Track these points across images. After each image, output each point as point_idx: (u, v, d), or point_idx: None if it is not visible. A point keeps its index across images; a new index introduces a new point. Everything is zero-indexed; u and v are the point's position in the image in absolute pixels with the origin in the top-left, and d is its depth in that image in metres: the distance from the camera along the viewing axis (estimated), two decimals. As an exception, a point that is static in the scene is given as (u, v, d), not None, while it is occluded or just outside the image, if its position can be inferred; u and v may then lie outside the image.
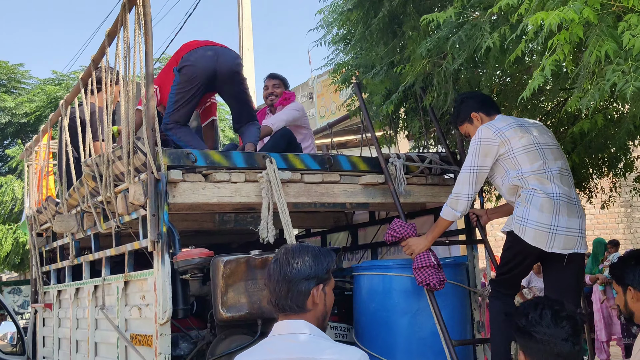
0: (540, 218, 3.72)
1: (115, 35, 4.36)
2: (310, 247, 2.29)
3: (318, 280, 2.22)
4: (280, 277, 2.20)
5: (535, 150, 3.88)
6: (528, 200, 3.77)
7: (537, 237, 3.72)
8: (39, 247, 6.84)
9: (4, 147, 16.37)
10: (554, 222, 3.72)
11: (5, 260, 14.44)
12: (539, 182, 3.80)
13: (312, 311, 2.21)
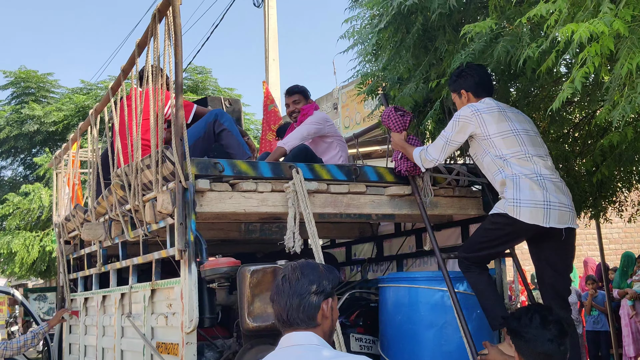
0: (532, 196, 3.83)
1: (145, 45, 4.41)
2: (315, 264, 2.36)
3: (326, 294, 2.28)
4: (291, 292, 2.25)
5: (512, 137, 4.03)
6: (516, 183, 3.89)
7: (533, 214, 3.82)
8: (66, 255, 6.91)
9: (32, 155, 16.57)
10: (546, 199, 3.84)
11: (32, 267, 14.59)
12: (520, 165, 3.95)
13: (321, 325, 2.26)
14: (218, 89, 16.35)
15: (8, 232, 14.53)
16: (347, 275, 6.65)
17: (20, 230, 14.43)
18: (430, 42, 4.59)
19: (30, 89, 16.36)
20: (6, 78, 16.37)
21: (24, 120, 15.49)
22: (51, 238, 13.84)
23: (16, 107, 16.09)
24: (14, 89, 16.44)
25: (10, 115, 15.89)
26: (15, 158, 17.31)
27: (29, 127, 15.29)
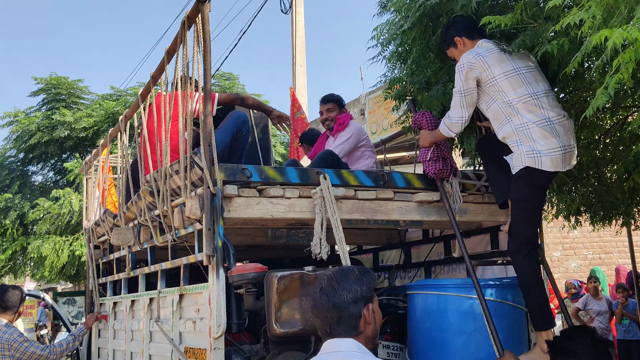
0: (548, 144, 3.88)
1: (174, 52, 4.44)
2: (350, 270, 2.33)
3: (365, 300, 2.25)
4: (330, 306, 2.23)
5: (516, 76, 4.01)
6: (527, 135, 3.94)
7: (554, 161, 3.90)
8: (96, 259, 6.98)
9: (62, 161, 16.76)
10: (561, 144, 3.91)
11: (61, 271, 14.75)
12: (528, 111, 3.95)
13: (364, 333, 2.24)
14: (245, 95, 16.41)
15: (38, 236, 14.71)
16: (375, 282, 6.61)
17: (51, 234, 14.60)
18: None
19: (61, 96, 16.55)
20: (37, 84, 16.59)
21: (55, 126, 15.68)
22: (81, 243, 13.99)
23: (47, 113, 16.29)
24: (45, 96, 16.64)
25: (41, 121, 16.09)
26: (46, 163, 17.51)
27: (59, 133, 15.47)
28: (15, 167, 17.14)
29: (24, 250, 15.75)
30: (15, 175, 16.82)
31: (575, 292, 10.59)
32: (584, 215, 6.60)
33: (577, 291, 10.60)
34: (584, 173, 5.87)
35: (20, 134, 16.21)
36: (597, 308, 9.64)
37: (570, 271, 14.14)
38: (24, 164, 17.26)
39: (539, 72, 4.15)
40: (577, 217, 6.64)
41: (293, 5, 14.34)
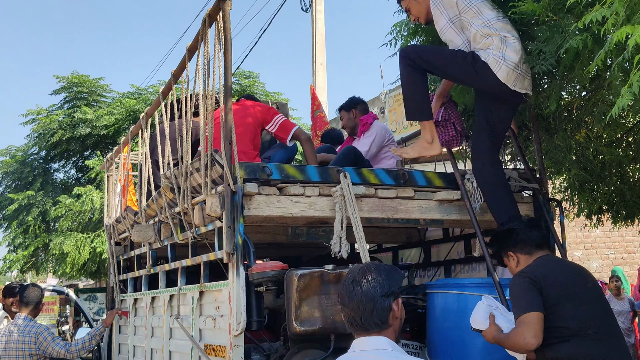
0: (512, 59, 4.00)
1: (195, 50, 4.46)
2: (381, 265, 2.39)
3: (395, 295, 2.31)
4: (364, 296, 2.27)
5: (485, 1, 4.15)
6: (503, 42, 4.02)
7: (509, 75, 4.01)
8: (117, 256, 7.03)
9: (84, 158, 16.89)
10: (521, 65, 4.04)
11: (82, 268, 14.88)
12: (505, 28, 4.06)
13: (392, 326, 2.29)
14: (265, 93, 16.42)
15: (60, 233, 14.85)
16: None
17: (72, 231, 14.73)
18: None
19: (83, 94, 16.68)
20: (59, 83, 16.74)
21: (76, 124, 15.81)
22: (102, 240, 14.09)
23: (69, 111, 16.43)
24: (67, 94, 16.78)
25: (63, 119, 16.24)
26: (68, 161, 17.66)
27: (81, 131, 15.59)
28: (38, 165, 17.31)
29: (46, 247, 15.91)
30: (37, 173, 16.99)
31: (597, 292, 10.48)
32: (606, 214, 6.53)
33: (598, 291, 10.49)
34: (606, 172, 5.81)
35: (42, 132, 16.37)
36: (619, 308, 9.54)
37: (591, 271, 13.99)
38: (46, 162, 17.43)
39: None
40: (598, 216, 6.57)
41: (313, 3, 14.33)
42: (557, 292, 3.51)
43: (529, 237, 3.82)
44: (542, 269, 3.62)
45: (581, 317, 3.49)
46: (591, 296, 3.60)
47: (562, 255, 4.45)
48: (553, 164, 5.67)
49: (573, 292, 3.54)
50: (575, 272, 3.72)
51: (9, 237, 16.37)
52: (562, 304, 3.49)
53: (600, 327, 3.50)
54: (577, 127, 5.51)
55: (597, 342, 3.46)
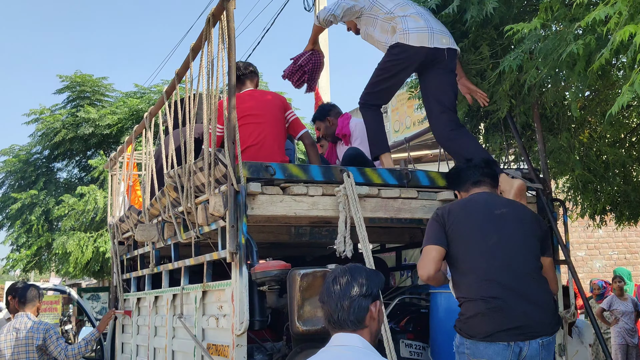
0: (417, 25, 4.50)
1: (199, 49, 4.46)
2: (362, 268, 2.48)
3: (373, 297, 2.38)
4: (342, 294, 2.36)
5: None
6: (403, 21, 4.55)
7: (420, 38, 4.46)
8: (120, 255, 7.03)
9: (87, 158, 16.89)
10: (429, 25, 4.51)
11: (85, 267, 14.88)
12: (403, 10, 4.60)
13: (368, 327, 2.36)
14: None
15: (63, 232, 14.86)
16: (397, 280, 6.60)
17: (75, 231, 14.73)
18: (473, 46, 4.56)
19: (86, 93, 16.67)
20: (62, 82, 16.74)
21: (79, 124, 15.80)
22: (105, 239, 14.10)
23: (72, 110, 16.43)
24: (70, 93, 16.78)
25: (66, 118, 16.24)
26: (71, 160, 17.66)
27: (84, 130, 15.59)
28: (41, 164, 17.32)
29: (49, 246, 15.92)
30: (40, 172, 16.99)
31: (600, 292, 10.47)
32: (609, 214, 6.53)
33: (601, 291, 10.47)
34: (609, 172, 5.81)
35: (45, 131, 16.37)
36: (623, 308, 9.52)
37: (594, 271, 13.99)
38: (49, 161, 17.43)
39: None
40: (602, 216, 6.57)
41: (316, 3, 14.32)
42: (455, 228, 3.61)
43: (467, 175, 3.90)
44: (453, 205, 3.74)
45: (472, 256, 3.55)
46: (490, 237, 3.57)
47: (565, 255, 4.43)
48: (557, 164, 5.67)
49: (469, 231, 3.59)
50: (485, 210, 3.68)
51: (12, 236, 16.38)
52: (455, 242, 3.59)
53: (487, 270, 3.50)
54: (581, 127, 5.51)
55: (483, 283, 3.48)
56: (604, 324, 9.67)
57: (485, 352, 3.36)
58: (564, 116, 5.20)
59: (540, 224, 3.77)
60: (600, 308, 9.64)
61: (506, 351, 3.34)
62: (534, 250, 3.62)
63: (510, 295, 3.43)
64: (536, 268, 3.59)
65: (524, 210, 3.78)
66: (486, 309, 3.42)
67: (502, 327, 3.37)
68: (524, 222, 3.66)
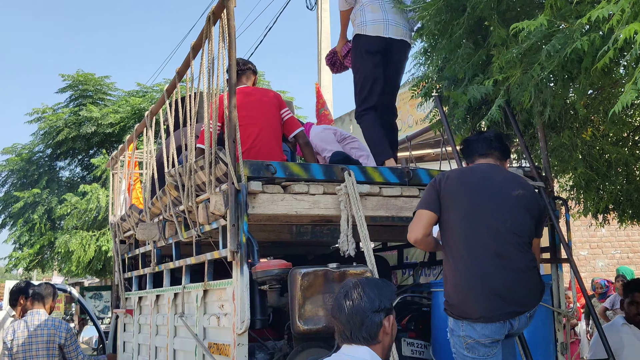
0: (374, 17, 5.07)
1: (200, 48, 4.45)
2: (374, 281, 2.44)
3: (387, 312, 2.34)
4: (354, 311, 2.31)
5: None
6: (362, 12, 5.14)
7: (375, 28, 5.04)
8: (121, 254, 7.03)
9: (89, 157, 16.94)
10: (384, 17, 5.08)
11: (88, 266, 14.92)
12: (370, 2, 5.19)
13: (382, 342, 2.33)
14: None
15: (66, 231, 14.89)
16: (399, 279, 6.58)
17: (78, 229, 14.76)
18: (482, 39, 4.52)
19: (88, 92, 16.72)
20: (64, 81, 16.79)
21: (82, 122, 15.85)
22: (107, 238, 14.13)
23: (74, 109, 16.47)
24: (72, 92, 16.84)
25: (68, 117, 16.28)
26: (73, 159, 17.72)
27: (86, 129, 15.63)
28: (43, 163, 17.37)
29: (51, 245, 15.96)
30: (43, 171, 17.04)
31: (603, 291, 10.45)
32: (612, 213, 6.50)
33: (604, 290, 10.45)
34: (612, 170, 5.78)
35: (48, 130, 16.41)
36: (625, 308, 9.49)
37: (597, 270, 13.96)
38: (52, 160, 17.47)
39: None
40: (604, 215, 6.54)
41: (318, 2, 14.32)
42: (449, 195, 3.64)
43: (475, 147, 3.89)
44: (453, 172, 3.77)
45: (462, 225, 3.56)
46: (482, 208, 3.56)
47: (567, 254, 4.42)
48: (559, 163, 5.64)
49: (462, 199, 3.60)
50: (482, 180, 3.67)
51: (14, 234, 16.43)
52: (447, 209, 3.62)
53: (475, 242, 3.51)
54: (583, 125, 5.48)
55: (466, 257, 3.50)
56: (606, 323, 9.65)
57: (482, 332, 3.42)
58: (566, 114, 5.18)
59: (538, 203, 3.72)
60: (603, 307, 9.61)
61: (502, 329, 3.42)
62: (526, 225, 3.58)
63: (497, 270, 3.44)
64: (526, 243, 3.56)
65: (524, 185, 3.73)
66: (470, 293, 3.46)
67: (496, 312, 3.41)
68: (521, 196, 3.62)
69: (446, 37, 4.59)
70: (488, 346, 3.41)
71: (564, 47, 3.62)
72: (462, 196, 3.62)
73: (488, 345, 3.41)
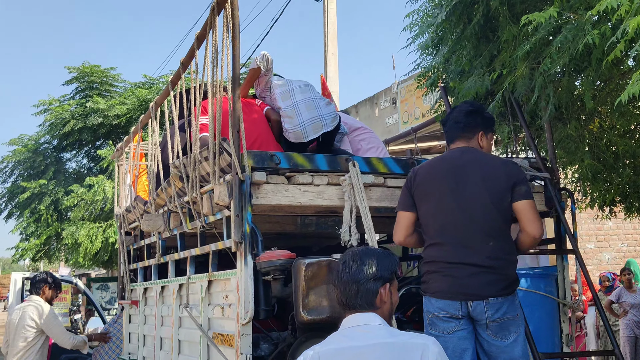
0: (291, 124, 5.01)
1: (204, 38, 4.44)
2: (375, 250, 2.54)
3: (384, 280, 2.44)
4: (350, 279, 2.43)
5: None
6: (284, 119, 5.07)
7: (297, 136, 5.00)
8: (127, 245, 7.04)
9: (96, 148, 16.97)
10: (300, 121, 4.99)
11: (95, 257, 14.96)
12: (283, 101, 5.12)
13: (380, 309, 2.42)
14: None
15: (73, 223, 14.93)
16: (404, 271, 6.57)
17: (84, 221, 14.80)
18: (492, 32, 4.49)
19: (94, 84, 16.73)
20: (70, 73, 16.80)
21: (88, 114, 15.86)
22: (113, 229, 14.15)
23: (80, 101, 16.49)
24: (78, 84, 16.84)
25: (74, 109, 16.30)
26: (80, 150, 17.75)
27: (92, 121, 15.64)
28: (50, 154, 17.39)
29: (58, 236, 16.00)
30: (49, 162, 17.07)
31: (609, 284, 10.42)
32: (619, 205, 6.47)
33: (610, 284, 10.42)
34: (619, 162, 5.75)
35: (54, 122, 16.43)
36: (631, 300, 9.47)
37: (604, 263, 13.92)
38: (58, 151, 17.51)
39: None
40: (611, 207, 6.52)
41: (325, -7, 14.26)
42: (419, 190, 3.65)
43: (446, 134, 3.86)
44: (421, 167, 3.74)
45: (430, 216, 3.58)
46: (448, 198, 3.54)
47: (573, 246, 4.40)
48: (566, 154, 5.62)
49: (430, 191, 3.60)
50: (448, 170, 3.62)
51: (21, 225, 16.48)
52: (420, 203, 3.64)
53: (445, 231, 3.51)
54: (591, 117, 5.45)
55: (442, 246, 3.51)
56: (612, 316, 9.62)
57: (437, 306, 3.47)
58: (573, 106, 5.15)
59: (509, 173, 3.57)
60: (609, 300, 9.59)
61: (456, 306, 3.43)
62: (495, 207, 3.51)
63: (457, 257, 3.45)
64: (494, 227, 3.50)
65: (492, 163, 3.63)
66: (434, 270, 3.51)
67: (450, 290, 3.45)
68: (487, 178, 3.54)
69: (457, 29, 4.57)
70: (445, 321, 3.42)
71: (575, 40, 3.59)
72: (431, 189, 3.62)
73: (445, 320, 3.43)
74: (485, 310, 3.40)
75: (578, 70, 4.60)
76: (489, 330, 3.42)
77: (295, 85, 5.14)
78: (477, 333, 3.47)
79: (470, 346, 3.44)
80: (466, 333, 3.44)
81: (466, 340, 3.44)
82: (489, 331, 3.42)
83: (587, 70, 4.14)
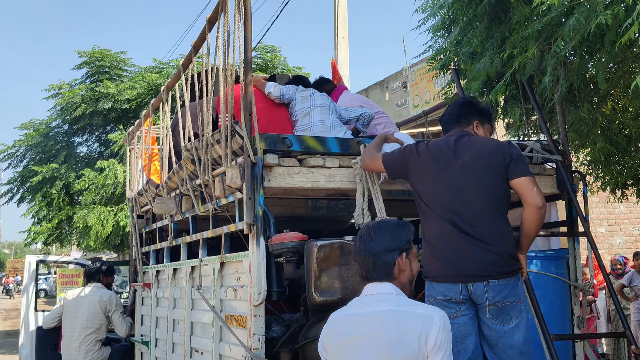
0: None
1: (215, 21, 4.43)
2: (389, 222, 2.63)
3: (400, 250, 2.54)
4: (366, 253, 2.54)
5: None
6: None
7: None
8: (139, 229, 7.08)
9: (107, 132, 17.01)
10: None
11: (106, 240, 15.04)
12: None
13: (399, 278, 2.54)
14: (287, 67, 16.36)
15: (84, 206, 15.00)
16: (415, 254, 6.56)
17: (96, 205, 14.87)
18: (504, 13, 4.46)
19: (104, 68, 16.74)
20: (80, 58, 16.82)
21: (99, 98, 15.89)
22: (125, 213, 14.21)
23: (91, 85, 16.51)
24: (89, 68, 16.86)
25: (85, 93, 16.33)
26: (91, 135, 17.81)
27: (103, 105, 15.67)
28: (61, 138, 17.46)
29: (69, 220, 16.09)
30: (61, 146, 17.13)
31: (621, 268, 10.40)
32: (631, 189, 6.45)
33: (622, 268, 10.40)
34: (632, 145, 5.72)
35: (65, 106, 16.48)
36: (643, 284, 9.46)
37: (615, 247, 13.89)
38: (69, 135, 17.57)
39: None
40: (623, 190, 6.49)
41: (335, -23, 14.18)
42: (414, 170, 3.70)
43: (444, 127, 3.90)
44: (422, 148, 3.73)
45: (425, 194, 3.62)
46: (444, 181, 3.56)
47: (584, 228, 4.39)
48: (578, 137, 5.59)
49: (425, 173, 3.64)
50: (443, 153, 3.63)
51: (33, 209, 16.57)
52: (416, 181, 3.69)
53: (440, 212, 3.53)
54: (603, 99, 5.42)
55: (438, 227, 3.54)
56: (623, 300, 9.61)
57: (438, 290, 3.49)
58: (585, 88, 5.12)
59: (504, 152, 3.57)
60: (620, 284, 9.57)
61: (456, 289, 3.44)
62: (491, 187, 3.52)
63: (453, 239, 3.46)
64: (489, 208, 3.51)
65: (487, 144, 3.63)
66: (431, 254, 3.54)
67: (449, 273, 3.47)
68: (482, 158, 3.55)
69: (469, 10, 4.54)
70: (446, 306, 3.41)
71: (587, 21, 3.57)
72: (427, 170, 3.64)
73: (446, 304, 3.42)
74: (486, 292, 3.40)
75: (590, 52, 4.56)
76: (490, 314, 3.41)
77: (317, 104, 5.03)
78: (479, 318, 3.47)
79: (473, 331, 3.44)
80: (468, 319, 3.44)
81: (468, 326, 3.44)
82: (489, 315, 3.41)
83: (600, 52, 4.11)
